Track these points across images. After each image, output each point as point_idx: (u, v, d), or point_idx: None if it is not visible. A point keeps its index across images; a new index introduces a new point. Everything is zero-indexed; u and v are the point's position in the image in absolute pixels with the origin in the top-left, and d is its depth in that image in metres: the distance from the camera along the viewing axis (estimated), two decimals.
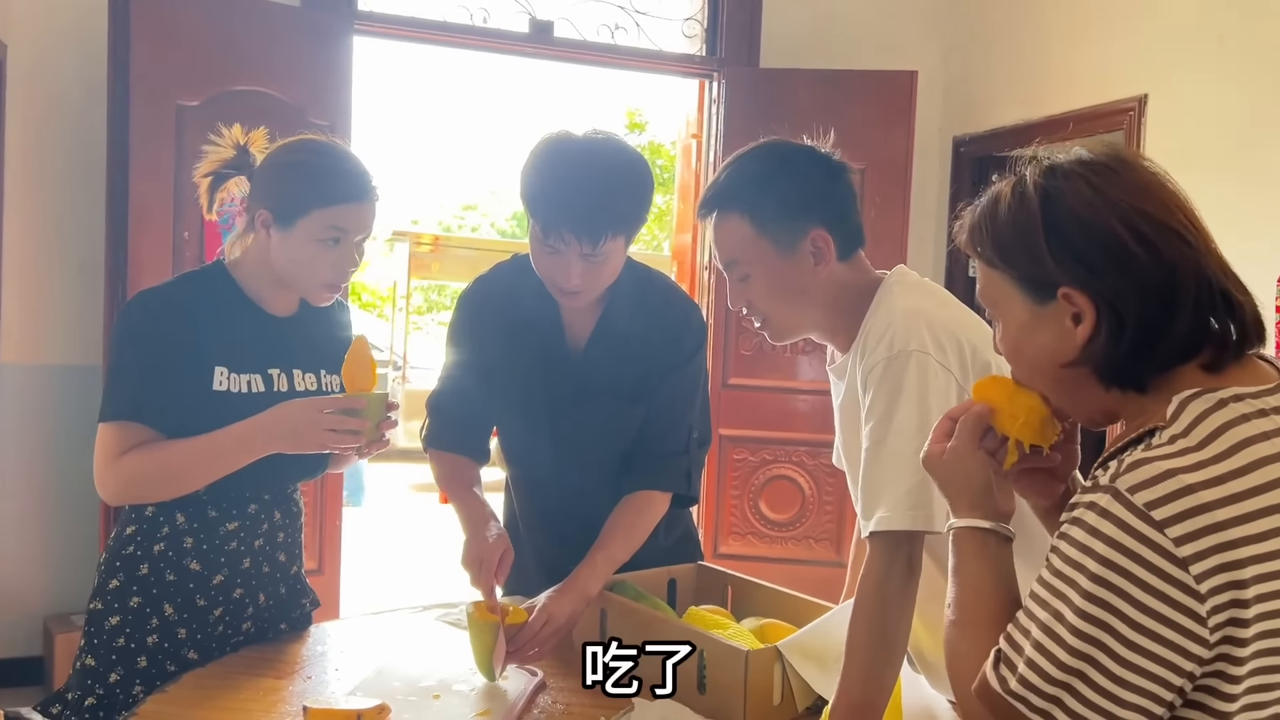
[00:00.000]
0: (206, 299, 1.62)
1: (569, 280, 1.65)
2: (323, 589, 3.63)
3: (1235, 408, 0.87)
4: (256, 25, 3.52)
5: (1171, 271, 0.89)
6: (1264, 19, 3.34)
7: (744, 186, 1.45)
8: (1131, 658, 0.82)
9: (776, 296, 1.46)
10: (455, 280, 15.79)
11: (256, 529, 1.67)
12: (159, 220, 3.41)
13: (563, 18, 4.19)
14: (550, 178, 1.62)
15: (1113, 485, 0.84)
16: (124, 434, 1.53)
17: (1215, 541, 0.80)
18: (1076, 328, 0.92)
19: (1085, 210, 0.91)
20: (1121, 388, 0.94)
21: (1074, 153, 0.97)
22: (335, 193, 1.59)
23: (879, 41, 4.50)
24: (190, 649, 1.61)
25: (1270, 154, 3.29)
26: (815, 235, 1.42)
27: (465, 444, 1.85)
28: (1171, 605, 0.81)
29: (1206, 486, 0.81)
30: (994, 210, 0.98)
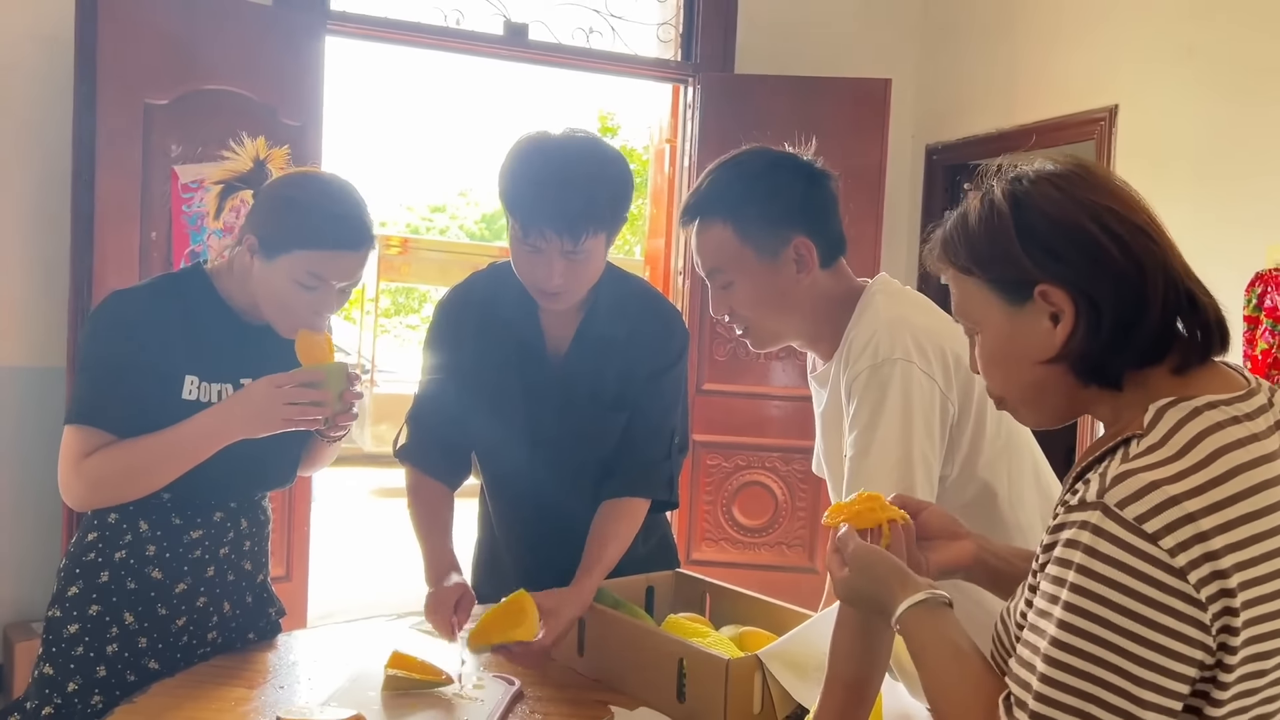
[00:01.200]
0: (181, 304, 1.58)
1: (550, 280, 1.62)
2: (291, 596, 3.61)
3: (1210, 415, 0.88)
4: (227, 24, 3.47)
5: (1140, 266, 0.91)
6: (1232, 32, 3.39)
7: (727, 194, 1.45)
8: (1143, 674, 0.81)
9: (759, 304, 1.46)
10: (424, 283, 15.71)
11: (222, 537, 1.64)
12: (126, 220, 3.35)
13: (537, 20, 4.18)
14: (530, 176, 1.59)
15: (1101, 501, 0.84)
16: (88, 438, 1.50)
17: (1203, 550, 0.81)
18: (1055, 326, 0.94)
19: (1055, 209, 0.94)
20: (1099, 384, 0.95)
21: (1037, 164, 0.99)
22: (321, 237, 1.53)
23: (853, 49, 4.52)
24: (151, 658, 1.57)
25: (1238, 164, 3.34)
26: (798, 243, 1.42)
27: (442, 464, 1.80)
28: (1175, 616, 0.81)
29: (1190, 496, 0.82)
30: (964, 221, 1.00)
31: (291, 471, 1.72)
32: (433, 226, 22.85)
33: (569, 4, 4.24)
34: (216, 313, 1.61)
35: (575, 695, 1.53)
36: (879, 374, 1.34)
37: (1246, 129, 3.33)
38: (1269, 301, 3.14)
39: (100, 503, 1.55)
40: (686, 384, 1.90)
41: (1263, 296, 3.16)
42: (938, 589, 1.03)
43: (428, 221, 23.15)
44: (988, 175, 1.01)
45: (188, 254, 3.40)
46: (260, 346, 1.63)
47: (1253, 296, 3.18)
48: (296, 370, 1.54)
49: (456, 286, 1.88)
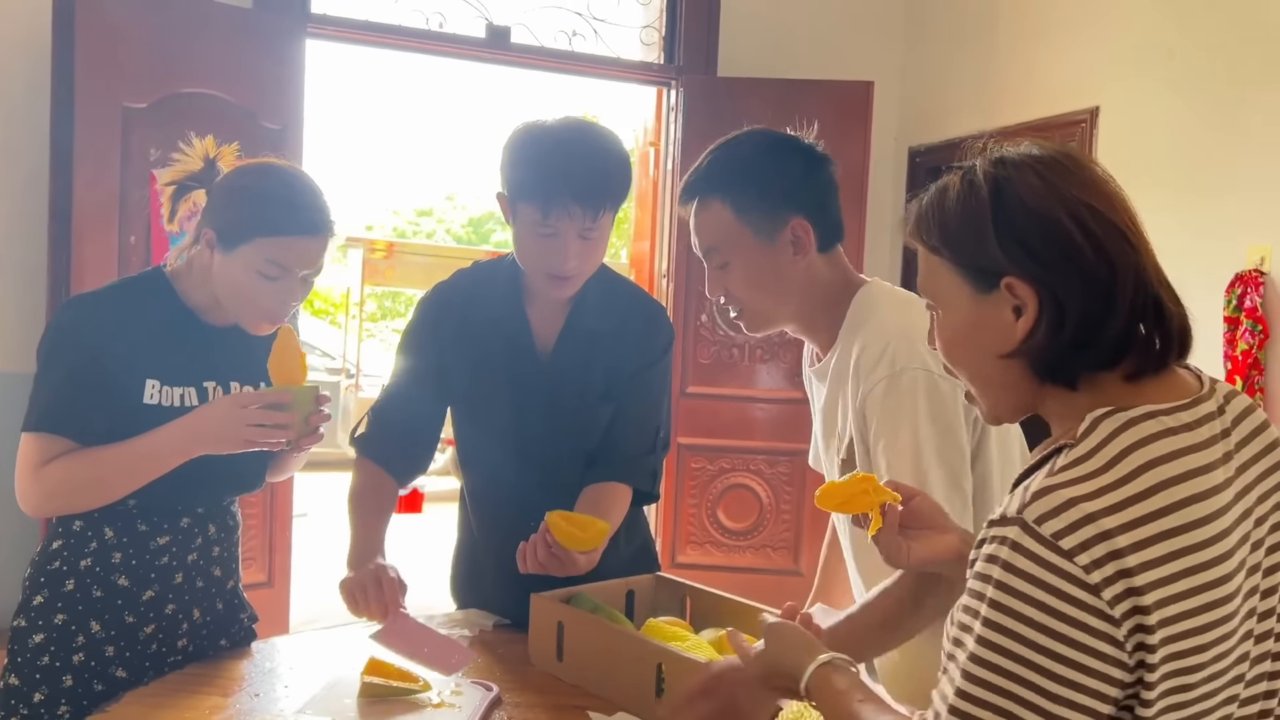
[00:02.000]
0: (141, 308, 1.56)
1: (566, 263, 1.64)
2: (273, 602, 3.58)
3: (1145, 427, 0.86)
4: (206, 27, 3.45)
5: (1112, 268, 0.89)
6: (1211, 35, 3.41)
7: (726, 172, 1.45)
8: (1057, 689, 0.81)
9: (754, 285, 1.46)
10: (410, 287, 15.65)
11: (190, 543, 1.62)
12: (104, 224, 3.32)
13: (520, 23, 4.17)
14: (543, 158, 1.62)
15: (1020, 517, 0.83)
16: (47, 445, 1.48)
17: (1117, 567, 0.80)
18: (1017, 320, 0.92)
19: (1034, 201, 0.91)
20: (1055, 383, 0.94)
21: (1024, 147, 0.97)
22: (280, 223, 1.52)
23: (836, 52, 4.53)
24: (119, 667, 1.55)
25: (1218, 165, 3.35)
26: (795, 224, 1.42)
27: (396, 460, 1.79)
28: (1090, 632, 0.80)
29: (1107, 513, 0.81)
30: (942, 199, 0.98)
31: (259, 477, 1.70)
32: (420, 230, 22.79)
33: (551, 7, 4.23)
34: (177, 315, 1.59)
35: (554, 700, 1.51)
36: (897, 385, 1.34)
37: (1226, 131, 3.34)
38: (1249, 302, 3.16)
39: (56, 511, 1.53)
40: (670, 380, 1.91)
41: (1242, 297, 3.18)
42: (841, 655, 1.07)
43: (414, 225, 23.08)
44: (972, 154, 0.99)
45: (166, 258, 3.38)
46: (223, 349, 1.62)
47: (1233, 297, 3.19)
48: (264, 390, 1.52)
49: (438, 285, 1.87)
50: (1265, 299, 3.16)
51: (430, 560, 5.95)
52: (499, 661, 1.65)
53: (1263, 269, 3.18)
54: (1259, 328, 3.14)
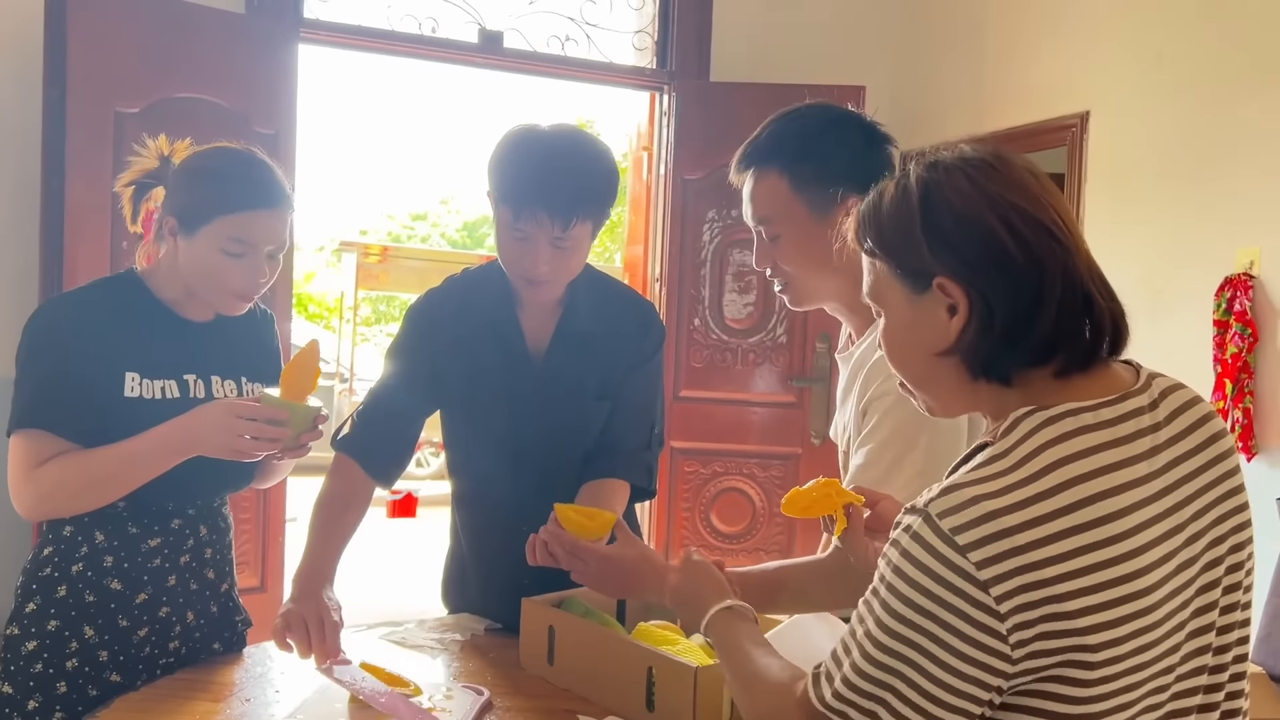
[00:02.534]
0: (116, 304, 1.58)
1: (537, 267, 1.65)
2: (267, 607, 3.57)
3: (1062, 424, 0.90)
4: (199, 32, 3.45)
5: (1041, 267, 0.91)
6: (1200, 40, 3.42)
7: (786, 144, 1.45)
8: (939, 674, 0.86)
9: (803, 260, 1.47)
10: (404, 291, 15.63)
11: (181, 545, 1.63)
12: (96, 228, 3.32)
13: (512, 28, 4.17)
14: (523, 161, 1.63)
15: (925, 509, 0.88)
16: (37, 445, 1.48)
17: (1016, 564, 0.84)
18: (951, 319, 0.95)
19: (962, 204, 0.94)
20: (988, 379, 0.96)
21: (957, 149, 1.00)
22: (238, 199, 1.54)
23: (827, 57, 4.54)
24: (113, 672, 1.55)
25: (1207, 169, 3.37)
26: (851, 204, 1.41)
27: (374, 455, 1.76)
28: (973, 624, 0.84)
29: (1010, 512, 0.85)
30: (878, 204, 1.01)
31: (247, 475, 1.71)
32: (414, 234, 22.77)
33: (544, 12, 4.24)
34: (153, 311, 1.61)
35: (545, 705, 1.52)
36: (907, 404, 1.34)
37: (1216, 134, 3.36)
38: (1238, 305, 3.17)
39: (51, 513, 1.54)
40: (663, 377, 1.92)
41: (1232, 300, 3.19)
42: (742, 604, 1.18)
43: (409, 230, 23.05)
44: (908, 159, 1.02)
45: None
46: (201, 342, 1.63)
47: (1222, 301, 3.20)
48: (264, 404, 1.51)
49: (428, 293, 1.87)
50: (1254, 302, 3.17)
51: (422, 565, 5.98)
52: (490, 666, 1.66)
53: (1252, 272, 3.19)
54: (1248, 331, 3.15)
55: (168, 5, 3.41)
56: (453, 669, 1.64)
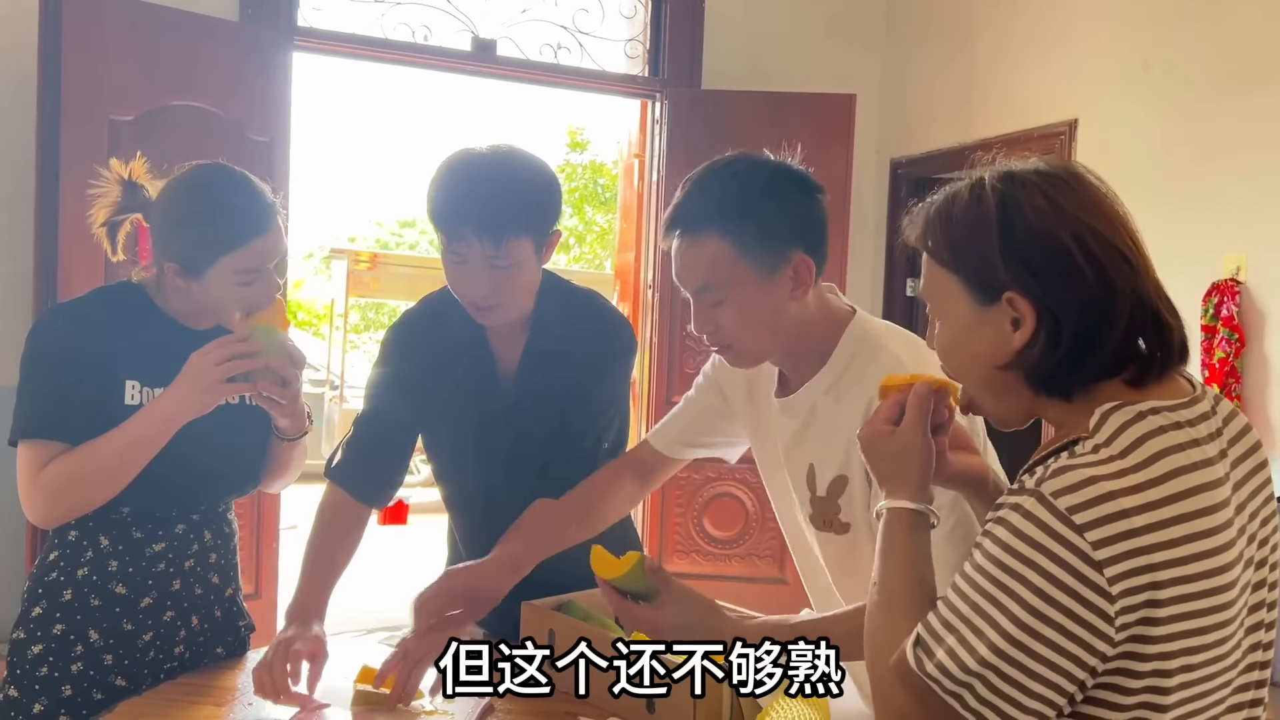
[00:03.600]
0: (118, 313, 1.58)
1: (478, 290, 1.60)
2: (261, 614, 3.56)
3: (1153, 420, 0.90)
4: (193, 40, 3.46)
5: (1112, 291, 0.92)
6: (1185, 48, 3.47)
7: (725, 207, 1.34)
8: (1044, 652, 0.85)
9: (750, 322, 1.37)
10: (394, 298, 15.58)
11: (186, 549, 1.63)
12: (91, 238, 3.28)
13: (505, 37, 4.19)
14: (449, 183, 1.60)
15: (1037, 489, 0.87)
16: (40, 451, 1.49)
17: (1131, 546, 0.84)
18: (1015, 332, 0.95)
19: (1039, 221, 0.94)
20: (1049, 394, 0.97)
21: (1031, 163, 0.99)
22: (236, 236, 1.53)
23: (818, 65, 4.57)
24: (118, 675, 1.56)
25: (1194, 177, 3.41)
26: (798, 261, 1.35)
27: (362, 484, 1.76)
28: (1084, 604, 0.84)
29: (1127, 494, 0.85)
30: (949, 209, 0.99)
31: (253, 476, 1.71)
32: (403, 241, 22.71)
33: (537, 20, 4.26)
34: (154, 320, 1.61)
35: (545, 707, 1.53)
36: None
37: (1202, 142, 3.40)
38: (1225, 311, 3.21)
39: (64, 514, 1.54)
40: (626, 389, 1.87)
41: (1219, 306, 3.23)
42: (936, 511, 1.06)
43: (398, 237, 23.00)
44: (981, 166, 1.01)
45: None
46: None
47: (1209, 306, 3.24)
48: (220, 339, 1.52)
49: (405, 314, 1.88)
50: (1241, 308, 3.21)
51: (417, 570, 5.97)
52: None
53: (1238, 278, 3.23)
54: (1235, 336, 3.19)
55: (162, 14, 3.42)
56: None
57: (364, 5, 3.98)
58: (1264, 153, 3.21)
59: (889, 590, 1.02)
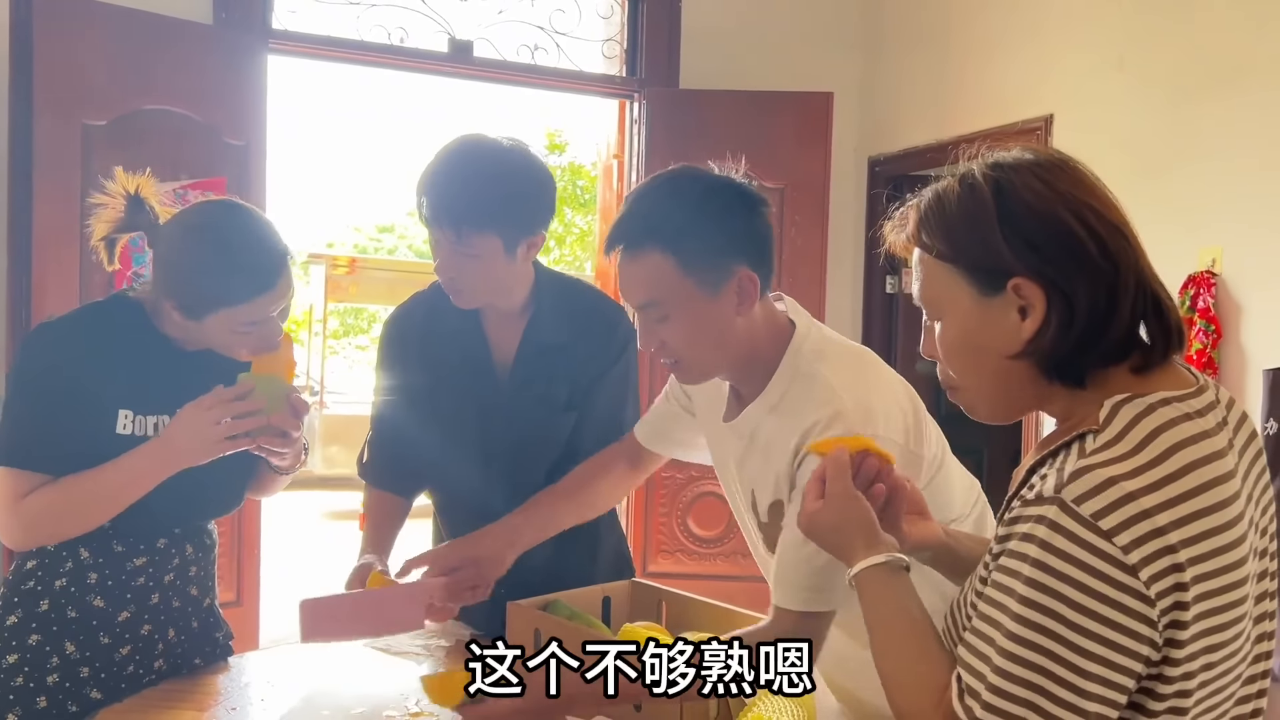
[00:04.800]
0: (114, 334, 1.53)
1: (445, 272, 1.68)
2: (242, 621, 3.55)
3: (1164, 412, 0.88)
4: (167, 43, 3.43)
5: (1116, 267, 0.91)
6: (1158, 43, 3.50)
7: (666, 222, 1.32)
8: (1091, 667, 0.83)
9: (696, 338, 1.36)
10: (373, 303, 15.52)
11: (167, 564, 1.61)
12: (65, 245, 3.29)
13: (482, 38, 4.18)
14: (433, 166, 1.66)
15: (1059, 497, 0.84)
16: (22, 479, 1.46)
17: (1159, 546, 0.82)
18: (1023, 321, 0.93)
19: (1037, 201, 0.92)
20: (1063, 381, 0.95)
21: (1016, 151, 0.98)
22: (239, 293, 1.48)
23: (795, 64, 4.58)
24: (94, 688, 1.53)
25: (1169, 170, 3.44)
26: (743, 276, 1.33)
27: (398, 481, 1.87)
28: (1125, 612, 0.82)
29: (1146, 493, 0.83)
30: (941, 204, 0.98)
31: (236, 498, 1.69)
32: (381, 246, 22.62)
33: (514, 21, 4.25)
34: (150, 341, 1.56)
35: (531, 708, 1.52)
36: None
37: (1176, 135, 3.43)
38: (1201, 303, 3.23)
39: (38, 542, 1.51)
40: (635, 379, 1.89)
41: (1196, 298, 3.25)
42: (899, 553, 1.04)
43: (376, 241, 22.90)
44: (966, 159, 1.00)
45: (130, 276, 3.34)
46: (198, 373, 1.56)
47: (1186, 298, 3.27)
48: (219, 388, 1.49)
49: (398, 308, 1.91)
50: (1217, 299, 3.24)
51: None
52: None
53: (1214, 270, 3.26)
54: (1212, 328, 3.22)
55: (135, 17, 3.39)
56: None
57: (339, 7, 3.96)
58: (1237, 146, 3.24)
59: (893, 651, 0.99)
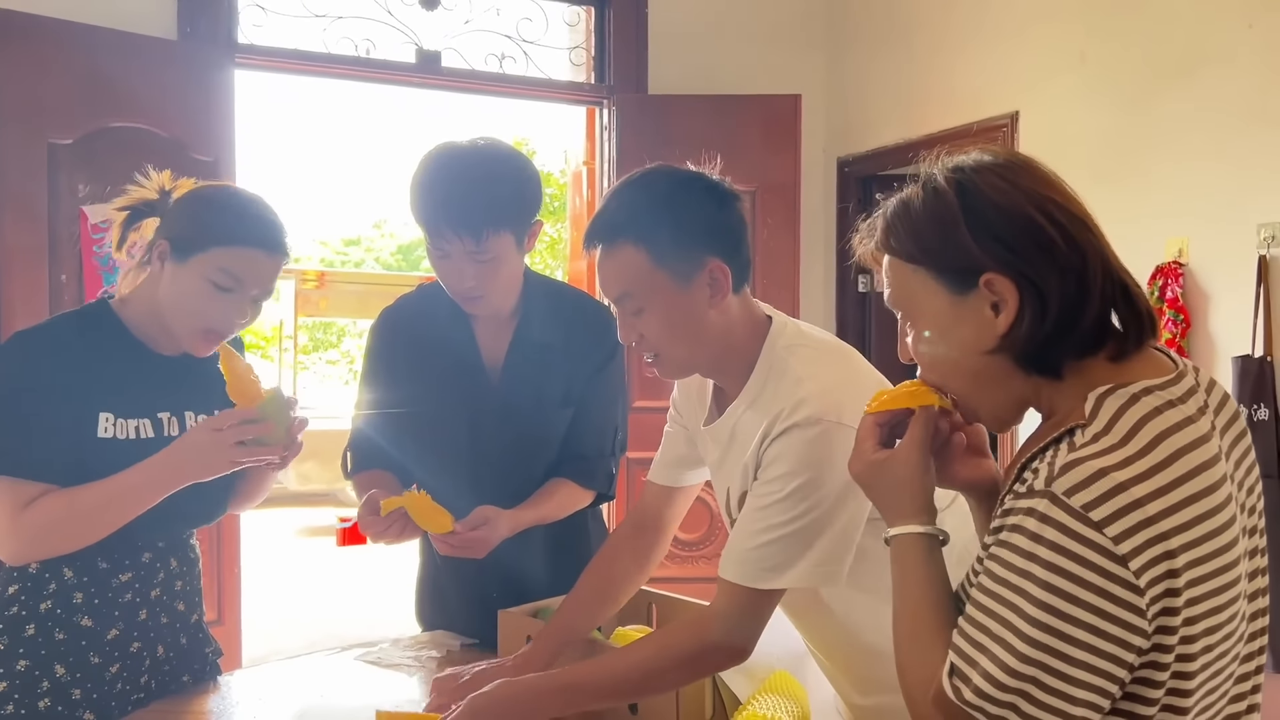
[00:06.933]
0: (89, 340, 1.53)
1: (462, 283, 1.66)
2: (224, 640, 3.48)
3: (1148, 401, 0.90)
4: (132, 60, 3.40)
5: (1084, 255, 0.93)
6: (1119, 37, 3.55)
7: (638, 216, 1.36)
8: (1082, 656, 0.84)
9: (671, 331, 1.38)
10: (343, 317, 15.43)
11: (152, 578, 1.59)
12: (33, 263, 3.25)
13: (450, 48, 4.18)
14: (429, 180, 1.65)
15: (1049, 489, 0.85)
16: (15, 490, 1.44)
17: (1149, 535, 0.83)
18: (997, 316, 0.94)
19: (1000, 198, 0.94)
20: (1040, 373, 0.96)
21: (975, 154, 1.00)
22: (239, 233, 1.52)
23: (762, 67, 4.61)
24: (86, 710, 1.51)
25: (1134, 162, 3.49)
26: (713, 267, 1.35)
27: (389, 465, 1.83)
28: (1115, 602, 0.83)
29: (1136, 482, 0.84)
30: (906, 209, 0.99)
31: (219, 507, 1.68)
32: (348, 260, 22.49)
33: (481, 31, 4.25)
34: (125, 346, 1.57)
35: None
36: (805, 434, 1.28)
37: (1140, 128, 3.48)
38: (1170, 293, 3.28)
39: (39, 555, 1.49)
40: (625, 381, 1.92)
41: (1164, 289, 3.30)
42: (943, 530, 1.03)
43: (342, 255, 22.77)
44: (927, 165, 1.01)
45: (100, 295, 3.31)
46: (174, 379, 1.59)
47: (1155, 289, 3.32)
48: (233, 410, 1.50)
49: (387, 308, 1.89)
50: (1185, 289, 3.29)
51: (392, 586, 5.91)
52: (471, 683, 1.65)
53: (1181, 260, 3.31)
54: (1180, 317, 3.27)
55: (99, 34, 3.36)
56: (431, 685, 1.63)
57: (306, 20, 3.94)
58: (1199, 136, 3.29)
59: (912, 621, 0.98)
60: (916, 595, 1.00)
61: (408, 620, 2.04)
